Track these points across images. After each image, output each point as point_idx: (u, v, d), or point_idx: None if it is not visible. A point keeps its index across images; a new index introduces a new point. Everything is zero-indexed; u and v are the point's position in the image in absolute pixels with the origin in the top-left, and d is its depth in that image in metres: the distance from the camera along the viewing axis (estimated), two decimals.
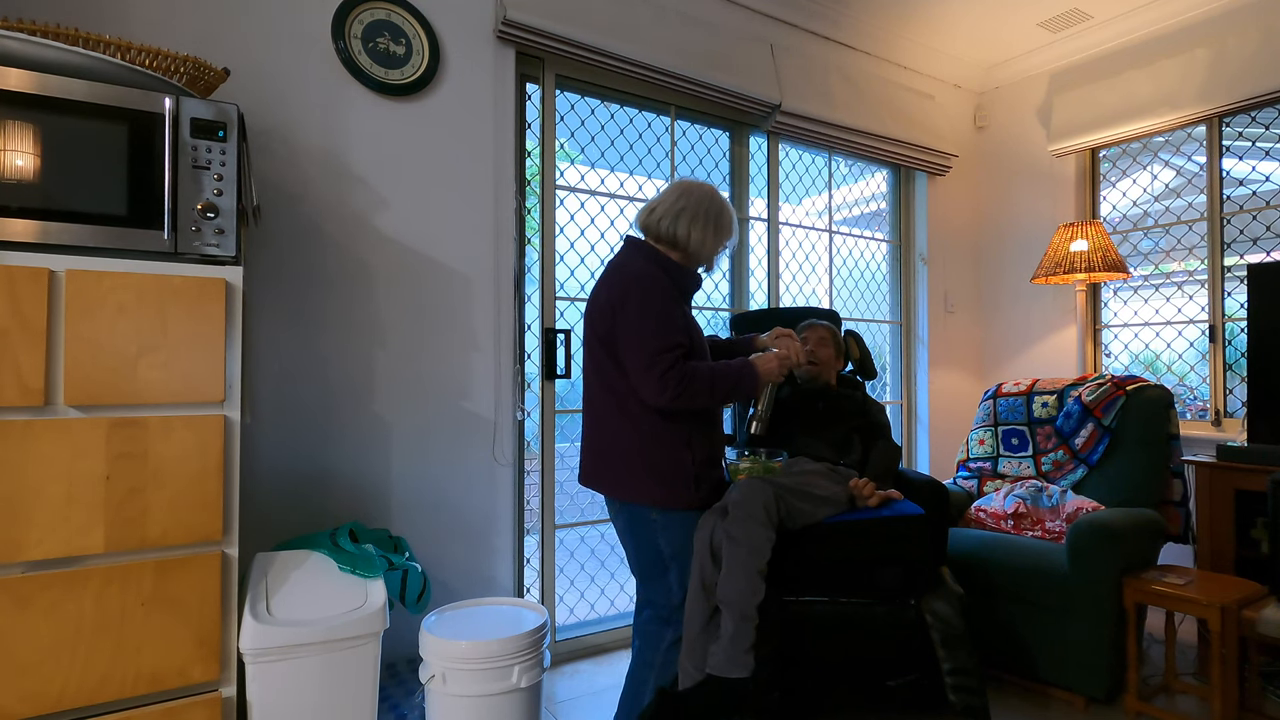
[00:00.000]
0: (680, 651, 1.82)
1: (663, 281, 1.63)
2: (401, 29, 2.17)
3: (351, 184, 2.09)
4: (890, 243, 3.67)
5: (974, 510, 2.60)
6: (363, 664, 1.47)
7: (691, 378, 1.56)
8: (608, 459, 1.68)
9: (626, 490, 1.65)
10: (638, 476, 1.63)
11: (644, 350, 1.55)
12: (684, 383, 1.55)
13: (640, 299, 1.59)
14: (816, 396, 2.23)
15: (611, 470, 1.68)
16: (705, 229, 1.70)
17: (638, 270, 1.63)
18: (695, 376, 1.57)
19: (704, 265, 1.77)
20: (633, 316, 1.58)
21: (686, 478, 1.65)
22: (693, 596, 1.92)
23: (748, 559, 1.75)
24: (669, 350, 1.55)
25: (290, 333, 1.98)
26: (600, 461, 1.71)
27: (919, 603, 1.89)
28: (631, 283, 1.60)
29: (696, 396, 1.57)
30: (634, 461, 1.64)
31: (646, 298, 1.59)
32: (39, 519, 1.19)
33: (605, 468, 1.69)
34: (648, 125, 2.83)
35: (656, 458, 1.63)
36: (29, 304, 1.19)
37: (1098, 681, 2.07)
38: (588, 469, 1.75)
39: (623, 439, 1.65)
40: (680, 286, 1.69)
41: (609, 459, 1.68)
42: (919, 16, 3.19)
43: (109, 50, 1.33)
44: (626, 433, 1.65)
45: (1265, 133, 2.86)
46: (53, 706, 1.19)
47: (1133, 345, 3.27)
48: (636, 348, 1.56)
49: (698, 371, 1.58)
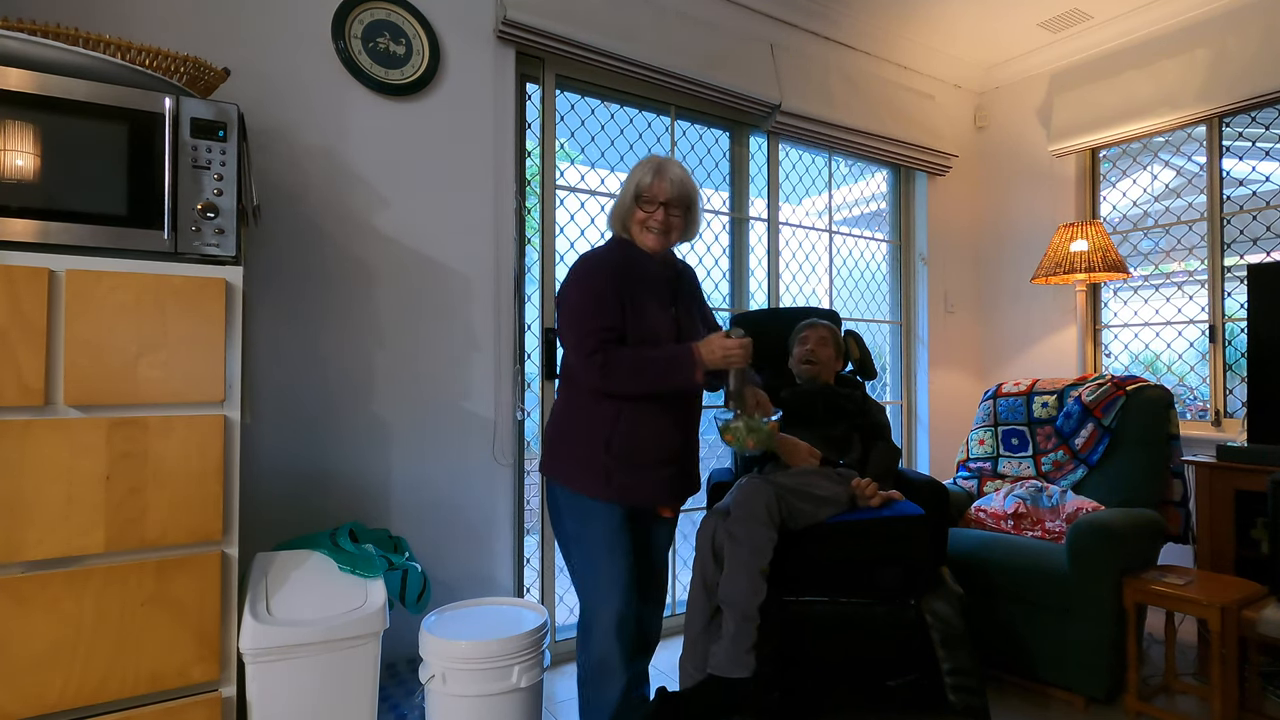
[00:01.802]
0: (682, 654, 1.83)
1: (605, 261, 1.59)
2: (401, 29, 2.17)
3: (351, 184, 2.09)
4: (890, 243, 3.67)
5: (974, 510, 2.60)
6: (363, 664, 1.46)
7: (615, 362, 1.50)
8: (546, 433, 1.70)
9: (546, 465, 1.65)
10: (556, 454, 1.62)
11: (572, 330, 1.54)
12: (607, 367, 1.50)
13: (575, 278, 1.58)
14: (816, 396, 2.23)
15: (545, 444, 1.70)
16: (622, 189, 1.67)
17: (587, 252, 1.65)
18: (618, 361, 1.51)
19: (627, 226, 1.64)
20: (568, 295, 1.58)
21: (595, 469, 1.57)
22: (693, 596, 1.92)
23: (750, 559, 1.76)
24: (594, 333, 1.51)
25: (290, 333, 1.98)
26: (543, 437, 1.75)
27: (919, 603, 1.89)
28: (576, 262, 1.61)
29: (623, 382, 1.51)
30: (556, 439, 1.63)
31: (580, 277, 1.57)
32: (39, 519, 1.19)
33: (544, 442, 1.72)
34: (648, 125, 2.83)
35: (575, 440, 1.59)
36: (29, 304, 1.19)
37: (1098, 681, 2.07)
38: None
39: (557, 415, 1.65)
40: (627, 265, 1.60)
41: (546, 433, 1.70)
42: (919, 16, 3.19)
43: (109, 50, 1.33)
44: (560, 410, 1.65)
45: (1265, 133, 2.86)
46: (52, 706, 1.19)
47: (1133, 345, 3.27)
48: (566, 327, 1.56)
49: (620, 356, 1.51)
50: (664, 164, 1.60)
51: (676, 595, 2.84)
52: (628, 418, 1.57)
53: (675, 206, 1.60)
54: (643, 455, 1.58)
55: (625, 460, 1.56)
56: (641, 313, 1.57)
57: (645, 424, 1.58)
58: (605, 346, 1.51)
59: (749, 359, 1.54)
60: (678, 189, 1.60)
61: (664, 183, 1.59)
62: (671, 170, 1.60)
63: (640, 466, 1.58)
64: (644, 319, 1.57)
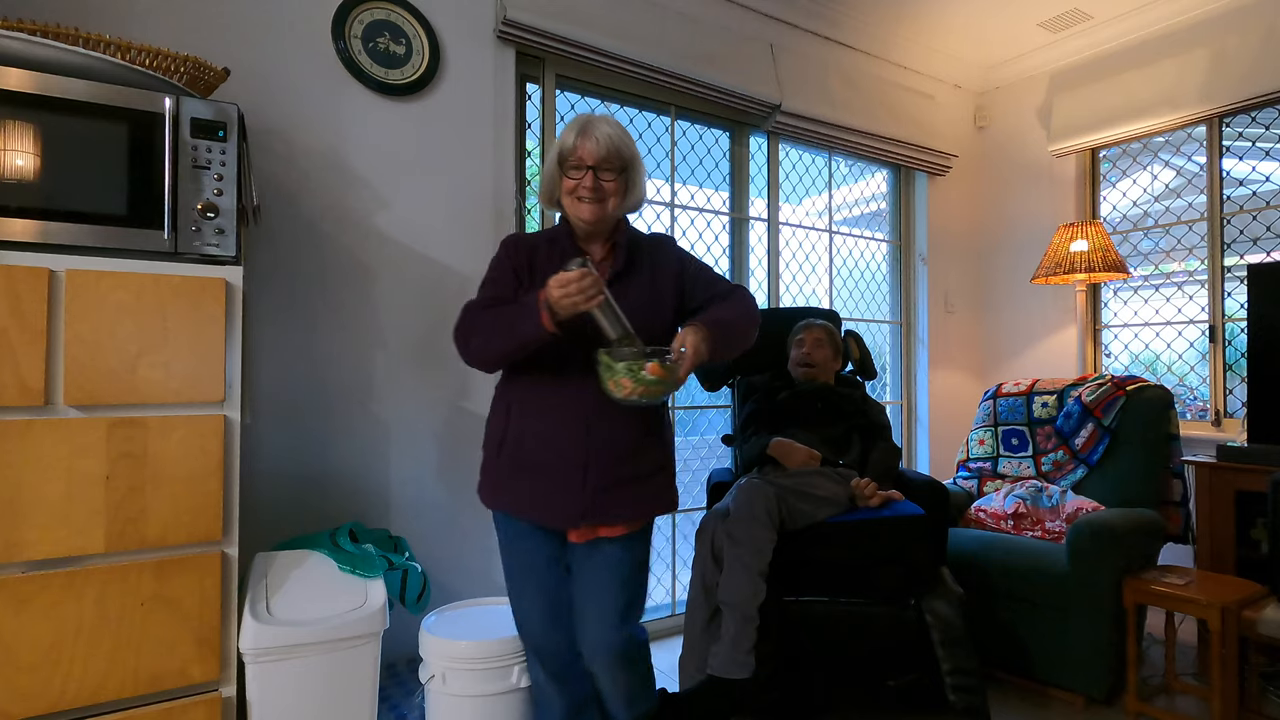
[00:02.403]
0: (682, 654, 1.82)
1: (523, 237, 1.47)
2: (401, 29, 2.17)
3: (351, 183, 2.09)
4: (890, 243, 3.67)
5: (974, 510, 2.60)
6: (363, 664, 1.46)
7: (465, 324, 1.33)
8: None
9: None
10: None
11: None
12: (459, 330, 1.33)
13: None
14: (815, 396, 2.23)
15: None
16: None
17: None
18: (468, 322, 1.32)
19: (557, 198, 1.43)
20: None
21: (490, 475, 1.42)
22: (693, 597, 1.92)
23: (749, 560, 1.76)
24: (468, 307, 1.37)
25: (290, 333, 1.98)
26: None
27: (919, 603, 1.89)
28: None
29: (475, 346, 1.31)
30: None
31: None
32: (39, 519, 1.19)
33: None
34: (648, 125, 2.83)
35: (483, 444, 1.46)
36: (29, 304, 1.19)
37: (1097, 681, 2.07)
38: None
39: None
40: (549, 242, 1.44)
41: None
42: (919, 16, 3.19)
43: (109, 50, 1.33)
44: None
45: (1265, 133, 2.86)
46: (52, 707, 1.19)
47: (1133, 345, 3.27)
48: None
49: (469, 316, 1.33)
50: (591, 121, 1.38)
51: (676, 595, 2.84)
52: (516, 411, 1.37)
53: (607, 170, 1.36)
54: (528, 457, 1.34)
55: (513, 464, 1.35)
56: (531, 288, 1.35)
57: (531, 416, 1.35)
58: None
59: (598, 293, 1.19)
60: (607, 148, 1.35)
61: (590, 142, 1.35)
62: (598, 127, 1.36)
63: (525, 471, 1.34)
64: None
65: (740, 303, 1.40)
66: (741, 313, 1.38)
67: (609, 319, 1.25)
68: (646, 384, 1.19)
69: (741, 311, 1.38)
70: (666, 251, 1.48)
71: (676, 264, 1.46)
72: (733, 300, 1.41)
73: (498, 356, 1.30)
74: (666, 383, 1.21)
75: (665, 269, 1.45)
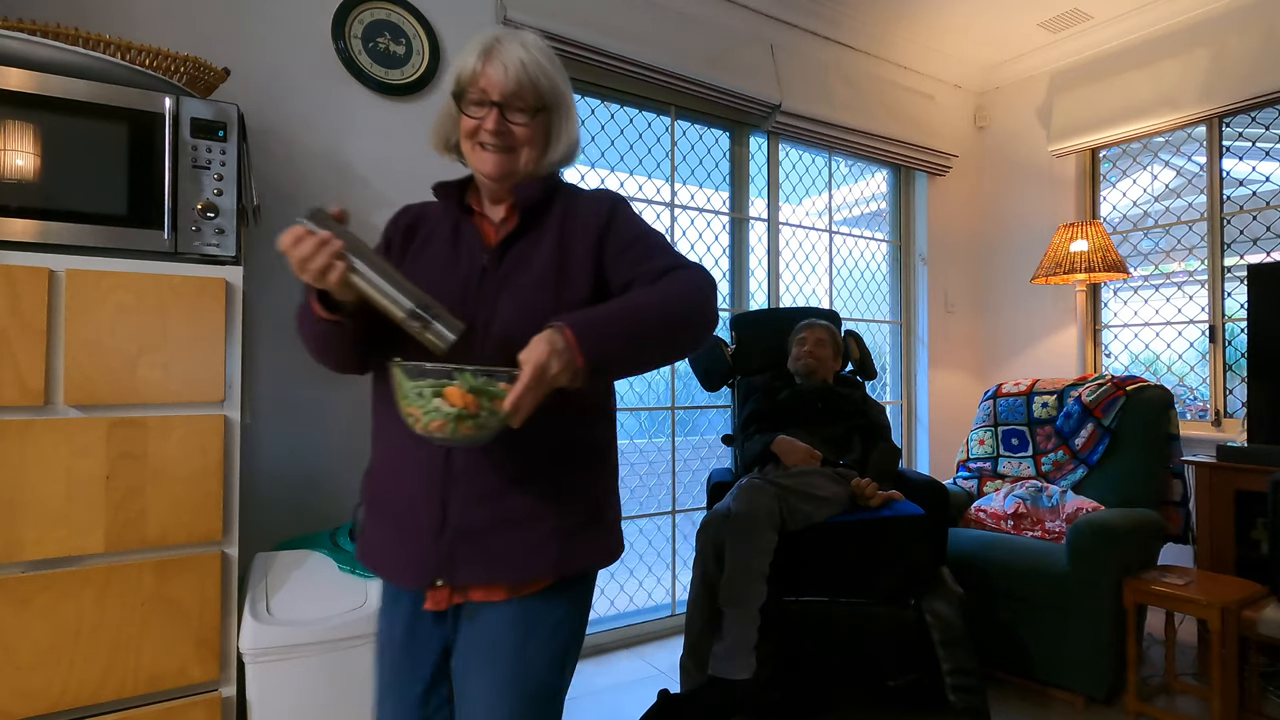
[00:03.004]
0: (683, 654, 1.82)
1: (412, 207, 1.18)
2: (401, 29, 2.16)
3: (351, 183, 2.09)
4: (890, 243, 3.67)
5: (974, 510, 2.60)
6: (363, 664, 1.46)
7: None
8: None
9: None
10: None
11: None
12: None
13: None
14: (815, 396, 2.23)
15: None
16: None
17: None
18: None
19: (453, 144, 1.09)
20: None
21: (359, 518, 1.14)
22: (694, 597, 1.92)
23: (752, 560, 1.76)
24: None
25: (290, 332, 1.98)
26: None
27: (919, 602, 1.89)
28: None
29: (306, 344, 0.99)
30: None
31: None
32: (39, 519, 1.19)
33: None
34: (648, 125, 2.83)
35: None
36: (29, 304, 1.19)
37: (1097, 681, 2.07)
38: None
39: None
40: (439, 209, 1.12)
41: None
42: (919, 16, 3.19)
43: (109, 50, 1.33)
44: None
45: (1265, 133, 2.86)
46: (52, 706, 1.19)
47: (1133, 345, 3.27)
48: None
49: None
50: (499, 41, 0.98)
51: (676, 595, 2.84)
52: (373, 431, 1.05)
53: (519, 109, 0.97)
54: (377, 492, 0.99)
55: (369, 503, 1.01)
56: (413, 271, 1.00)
57: (382, 438, 1.01)
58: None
59: (328, 261, 0.81)
60: (518, 78, 0.95)
61: (495, 69, 0.95)
62: (507, 50, 0.97)
63: (374, 510, 0.99)
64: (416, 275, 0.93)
65: (672, 289, 0.90)
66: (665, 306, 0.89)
67: (384, 296, 0.84)
68: (444, 418, 0.75)
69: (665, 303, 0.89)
70: (591, 209, 1.00)
71: (599, 226, 0.98)
72: (662, 286, 0.91)
73: (316, 354, 0.99)
74: (478, 419, 0.76)
75: (579, 233, 0.98)
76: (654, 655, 2.52)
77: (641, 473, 3.84)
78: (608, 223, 0.99)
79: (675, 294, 0.91)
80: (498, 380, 0.76)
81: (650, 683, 2.28)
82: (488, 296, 0.96)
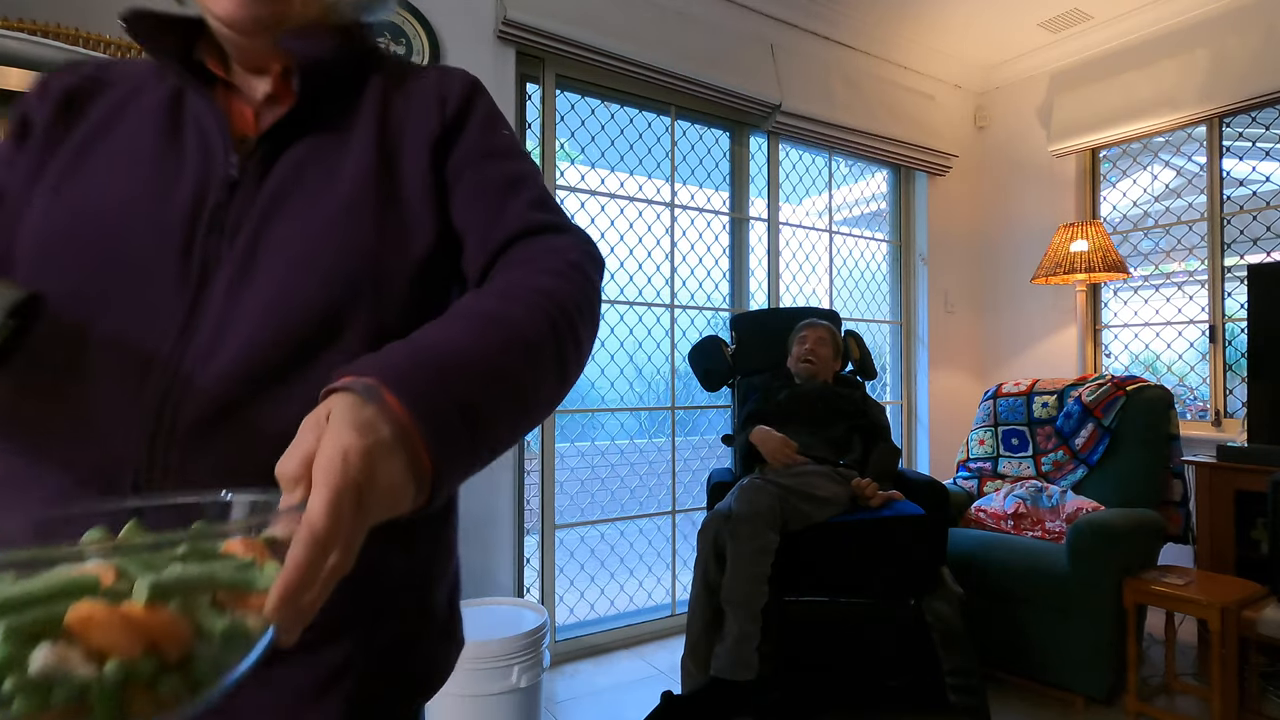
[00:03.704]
0: (684, 655, 1.83)
1: (78, 67, 0.63)
2: (401, 29, 2.17)
3: None
4: (890, 243, 3.67)
5: (974, 510, 2.60)
6: None
7: None
8: None
9: None
10: None
11: None
12: None
13: None
14: (815, 396, 2.23)
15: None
16: None
17: None
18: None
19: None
20: None
21: None
22: (695, 598, 1.92)
23: (753, 560, 1.76)
24: None
25: None
26: None
27: (919, 603, 1.89)
28: None
29: None
30: None
31: None
32: None
33: None
34: (648, 125, 2.83)
35: None
36: None
37: (1097, 681, 2.07)
38: None
39: None
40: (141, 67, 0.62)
41: None
42: (919, 16, 3.19)
43: (109, 50, 1.33)
44: None
45: (1265, 133, 2.86)
46: None
47: (1133, 345, 3.27)
48: None
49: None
50: None
51: (676, 595, 2.84)
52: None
53: None
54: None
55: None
56: (73, 175, 0.54)
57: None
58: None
59: None
60: None
61: None
62: None
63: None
64: (75, 189, 0.53)
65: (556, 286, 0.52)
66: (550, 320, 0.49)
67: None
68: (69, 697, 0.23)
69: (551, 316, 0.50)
70: (433, 91, 0.61)
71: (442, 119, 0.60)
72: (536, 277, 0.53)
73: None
74: (187, 670, 0.26)
75: (411, 130, 0.59)
76: (654, 655, 2.52)
77: (641, 473, 3.85)
78: (457, 118, 0.60)
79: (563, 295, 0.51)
80: (231, 532, 0.31)
81: (650, 683, 2.28)
82: (237, 244, 0.51)
